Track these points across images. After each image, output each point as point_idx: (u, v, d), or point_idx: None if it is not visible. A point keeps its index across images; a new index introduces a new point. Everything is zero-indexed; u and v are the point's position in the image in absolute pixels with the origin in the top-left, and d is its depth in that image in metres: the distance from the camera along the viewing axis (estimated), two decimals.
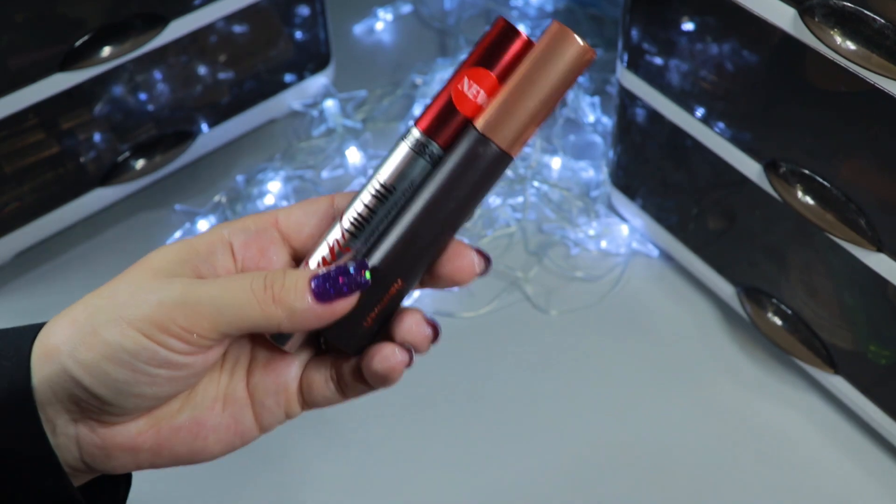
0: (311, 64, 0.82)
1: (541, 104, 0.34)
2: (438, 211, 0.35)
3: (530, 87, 0.34)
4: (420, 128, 0.36)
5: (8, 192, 0.67)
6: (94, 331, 0.34)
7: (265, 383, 0.38)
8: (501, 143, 0.35)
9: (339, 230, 0.36)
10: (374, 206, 0.36)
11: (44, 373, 0.34)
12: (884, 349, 0.57)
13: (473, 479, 0.60)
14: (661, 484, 0.60)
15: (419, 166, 0.36)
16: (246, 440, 0.38)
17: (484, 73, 0.35)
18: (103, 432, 0.35)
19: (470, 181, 0.35)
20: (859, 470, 0.60)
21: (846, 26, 0.47)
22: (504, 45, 0.35)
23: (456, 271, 0.37)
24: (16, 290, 0.71)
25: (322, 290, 0.34)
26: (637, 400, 0.64)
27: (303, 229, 0.38)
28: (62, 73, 0.64)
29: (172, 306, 0.33)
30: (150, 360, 0.34)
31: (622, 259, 0.73)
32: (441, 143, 0.35)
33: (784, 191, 0.55)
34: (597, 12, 0.93)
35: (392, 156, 0.36)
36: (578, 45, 0.34)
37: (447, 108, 0.35)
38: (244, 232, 0.37)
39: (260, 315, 0.34)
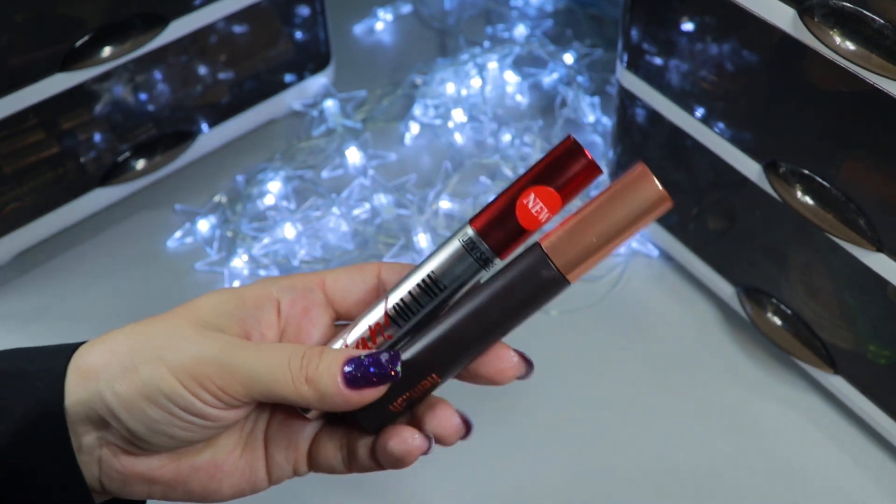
0: (311, 64, 0.82)
1: (608, 239, 0.35)
2: (487, 318, 0.36)
3: (602, 220, 0.35)
4: (475, 227, 0.36)
5: (8, 192, 0.67)
6: (134, 367, 0.34)
7: (278, 438, 0.39)
8: (563, 267, 0.35)
9: (382, 313, 0.37)
10: (419, 296, 0.37)
11: (79, 395, 0.35)
12: (884, 349, 0.57)
13: (473, 479, 0.60)
14: (660, 484, 0.60)
15: (467, 264, 0.36)
16: (256, 489, 0.39)
17: (549, 192, 0.36)
18: (125, 460, 0.36)
19: (523, 296, 0.36)
20: (859, 470, 0.60)
21: (846, 26, 0.47)
22: (569, 164, 0.36)
23: (496, 374, 0.38)
24: (16, 290, 0.71)
25: (353, 377, 0.35)
26: (637, 400, 0.64)
27: (347, 296, 0.39)
28: (62, 73, 0.64)
29: (210, 364, 0.34)
30: (186, 408, 0.35)
31: (622, 259, 0.73)
32: (492, 245, 0.36)
33: (784, 191, 0.55)
34: (597, 12, 0.93)
35: (443, 249, 0.37)
36: (658, 190, 0.34)
37: (506, 216, 0.36)
38: (291, 290, 0.38)
39: (292, 392, 0.35)
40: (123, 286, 0.72)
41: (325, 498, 0.59)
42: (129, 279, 0.72)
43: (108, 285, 0.72)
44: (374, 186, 0.77)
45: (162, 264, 0.73)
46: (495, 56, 0.86)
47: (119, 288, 0.71)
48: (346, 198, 0.76)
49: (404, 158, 0.81)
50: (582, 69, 0.86)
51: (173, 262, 0.73)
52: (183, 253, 0.74)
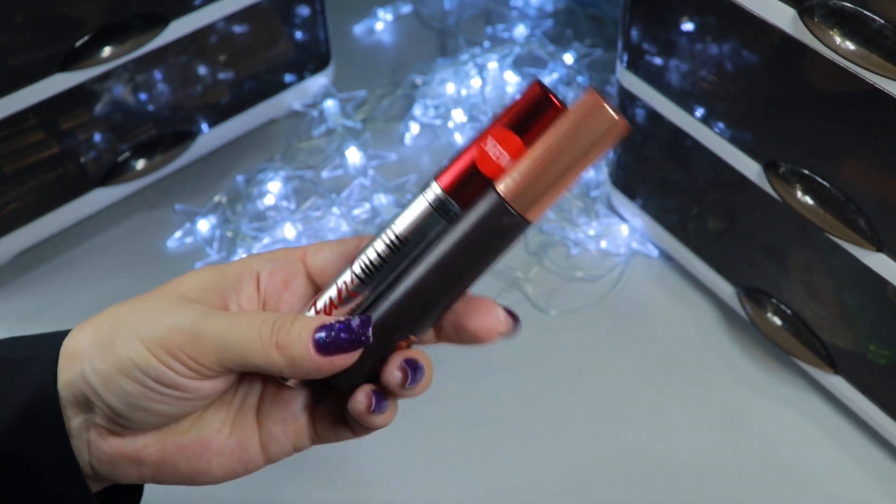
0: (311, 64, 0.82)
1: (564, 173, 0.33)
2: (450, 270, 0.35)
3: (556, 154, 0.33)
4: (440, 184, 0.35)
5: (8, 192, 0.67)
6: (112, 342, 0.35)
7: (273, 413, 0.38)
8: (520, 208, 0.34)
9: (350, 273, 0.37)
10: (386, 256, 0.36)
11: (66, 375, 0.35)
12: (883, 349, 0.57)
13: (472, 479, 0.60)
14: (660, 483, 0.60)
15: (435, 222, 0.35)
16: (250, 468, 0.39)
17: (510, 136, 0.34)
18: (112, 441, 0.36)
19: (485, 243, 0.34)
20: (859, 470, 0.60)
21: (846, 26, 0.47)
22: (536, 111, 0.34)
23: (480, 328, 0.36)
24: (16, 290, 0.71)
25: (324, 343, 0.35)
26: (637, 399, 0.64)
27: (327, 267, 0.38)
28: (62, 74, 0.64)
29: (181, 333, 0.34)
30: (158, 378, 0.34)
31: (622, 259, 0.73)
32: (460, 202, 0.35)
33: (784, 191, 0.55)
34: (597, 12, 0.93)
35: (409, 208, 0.36)
36: (611, 117, 0.32)
37: (470, 168, 0.35)
38: (272, 262, 0.38)
39: (262, 358, 0.34)
40: (123, 286, 0.72)
41: (325, 492, 0.59)
42: (129, 279, 0.72)
43: (108, 285, 0.72)
44: (374, 186, 0.77)
45: (162, 264, 0.73)
46: (495, 56, 0.86)
47: (119, 288, 0.71)
48: (346, 198, 0.76)
49: (404, 158, 0.81)
50: (582, 69, 0.86)
51: (173, 262, 0.73)
52: (183, 253, 0.74)
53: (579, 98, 0.33)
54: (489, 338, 0.37)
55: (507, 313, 0.37)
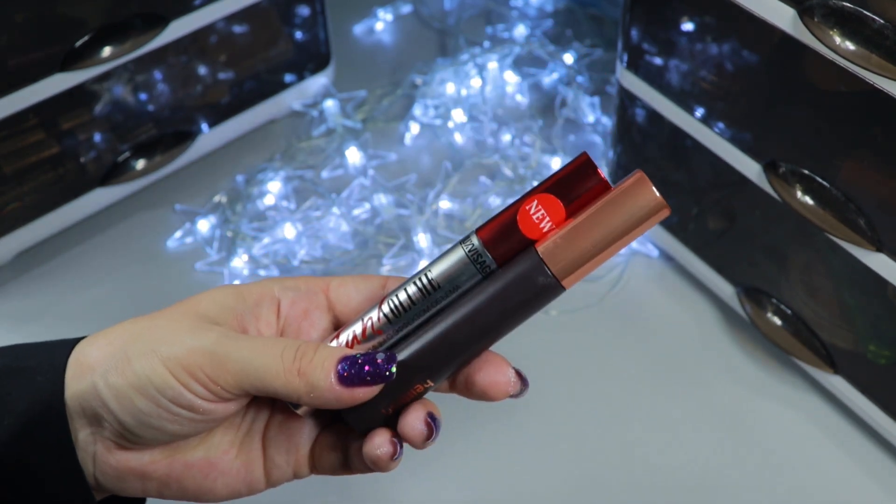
0: (311, 64, 0.82)
1: (604, 245, 0.35)
2: (480, 321, 0.35)
3: (599, 226, 0.34)
4: (480, 237, 0.36)
5: (8, 192, 0.67)
6: (128, 358, 0.34)
7: (278, 441, 0.39)
8: (558, 272, 0.35)
9: (377, 312, 0.37)
10: (416, 299, 0.37)
11: (75, 388, 0.35)
12: (883, 349, 0.57)
13: (472, 479, 0.60)
14: (660, 484, 0.60)
15: (468, 272, 0.36)
16: (253, 490, 0.39)
17: (553, 201, 0.35)
18: (118, 455, 0.36)
19: (518, 300, 0.35)
20: (859, 469, 0.60)
21: (846, 26, 0.47)
22: (580, 180, 0.35)
23: (490, 385, 0.37)
24: (16, 290, 0.71)
25: (347, 374, 0.35)
26: (637, 399, 0.64)
27: (350, 303, 0.39)
28: (62, 74, 0.64)
29: (202, 354, 0.34)
30: (174, 399, 0.34)
31: (622, 259, 0.73)
32: (496, 256, 0.36)
33: (784, 191, 0.55)
34: (597, 12, 0.93)
35: (446, 256, 0.36)
36: (656, 198, 0.34)
37: (510, 226, 0.36)
38: (294, 291, 0.38)
39: (282, 384, 0.34)
40: (123, 286, 0.72)
41: (317, 498, 0.59)
42: (129, 279, 0.72)
43: (108, 285, 0.72)
44: (374, 186, 0.77)
45: (162, 264, 0.73)
46: (495, 56, 0.86)
47: (119, 288, 0.72)
48: (346, 198, 0.76)
49: (404, 158, 0.81)
50: (582, 69, 0.86)
51: (173, 262, 0.73)
52: (183, 253, 0.74)
53: (628, 177, 0.35)
54: (497, 396, 0.37)
55: (517, 374, 0.37)
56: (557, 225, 0.35)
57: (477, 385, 0.37)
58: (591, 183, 0.35)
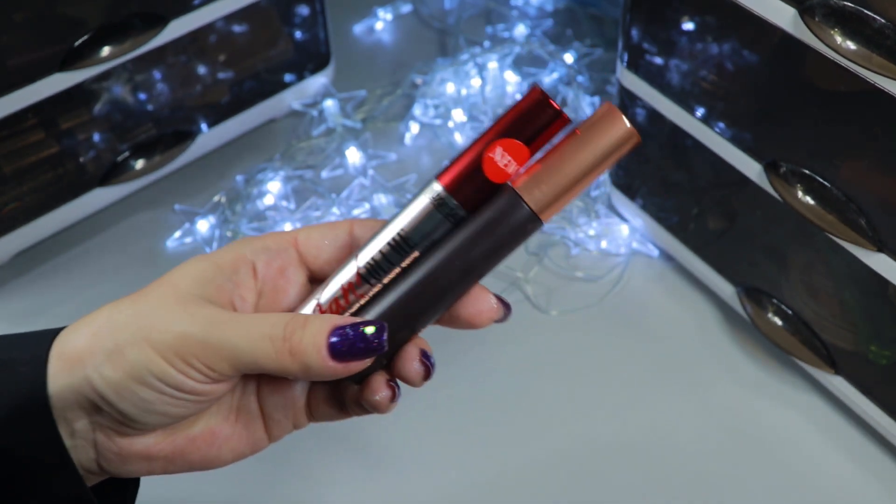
0: (311, 64, 0.82)
1: (579, 177, 0.36)
2: (463, 263, 0.36)
3: (573, 160, 0.36)
4: (442, 183, 0.36)
5: (7, 192, 0.67)
6: (119, 349, 0.34)
7: (274, 399, 0.39)
8: (536, 206, 0.36)
9: (354, 272, 0.37)
10: (389, 255, 0.37)
11: (64, 381, 0.35)
12: (884, 349, 0.57)
13: (472, 479, 0.60)
14: (660, 484, 0.60)
15: (436, 220, 0.37)
16: (256, 448, 0.40)
17: (516, 145, 0.36)
18: (121, 441, 0.36)
19: (498, 237, 0.36)
20: (859, 470, 0.60)
21: (846, 26, 0.47)
22: (537, 114, 0.36)
23: (475, 315, 0.38)
24: (15, 290, 0.71)
25: (339, 350, 0.35)
26: (637, 400, 0.64)
27: (320, 253, 0.39)
28: (62, 73, 0.64)
29: (194, 342, 0.34)
30: (177, 386, 0.35)
31: (622, 259, 0.73)
32: (461, 200, 0.36)
33: (784, 191, 0.55)
34: (597, 12, 0.93)
35: (411, 206, 0.37)
36: (626, 127, 0.35)
37: (473, 170, 0.36)
38: (265, 251, 0.38)
39: (276, 366, 0.35)
40: (123, 286, 0.71)
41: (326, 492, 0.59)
42: (129, 279, 0.72)
43: (108, 285, 0.71)
44: (373, 186, 0.77)
45: (162, 264, 0.73)
46: (495, 56, 0.86)
47: (118, 288, 0.71)
48: (346, 198, 0.76)
49: (404, 158, 0.81)
50: (582, 69, 0.86)
51: (173, 262, 0.73)
52: (183, 253, 0.74)
53: (598, 110, 0.36)
54: (482, 324, 0.38)
55: (498, 300, 0.38)
56: (521, 164, 0.36)
57: (462, 317, 0.38)
58: (547, 117, 0.36)
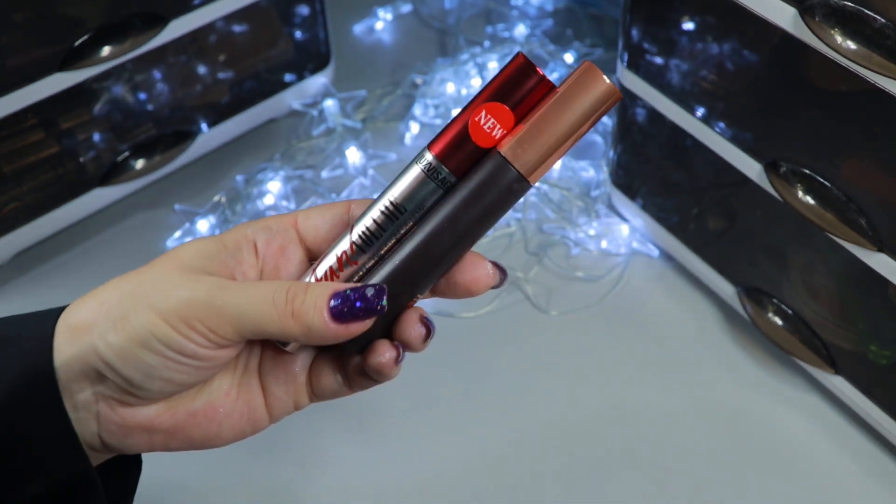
0: (311, 64, 0.82)
1: (563, 137, 0.36)
2: (457, 228, 0.37)
3: (556, 120, 0.36)
4: (433, 152, 0.37)
5: (7, 191, 0.67)
6: (125, 315, 0.35)
7: (275, 374, 0.40)
8: (522, 169, 0.36)
9: (348, 242, 0.38)
10: (383, 223, 0.38)
11: (71, 351, 0.35)
12: (884, 349, 0.57)
13: (473, 479, 0.60)
14: (661, 484, 0.60)
15: (429, 188, 0.37)
16: (257, 428, 0.40)
17: (500, 108, 0.36)
18: (123, 412, 0.37)
19: (488, 202, 0.37)
20: (859, 470, 0.60)
21: (847, 26, 0.47)
22: (521, 81, 0.36)
23: (472, 281, 0.38)
24: (15, 290, 0.71)
25: (339, 311, 0.36)
26: (637, 400, 0.64)
27: (318, 232, 0.40)
28: (61, 73, 0.64)
29: (199, 306, 0.35)
30: (180, 350, 0.35)
31: (622, 259, 0.73)
32: (452, 168, 0.37)
33: (784, 191, 0.55)
34: (597, 12, 0.93)
35: (404, 176, 0.37)
36: (606, 84, 0.36)
37: (461, 137, 0.37)
38: (266, 231, 0.39)
39: (278, 328, 0.36)
40: None
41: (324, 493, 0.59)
42: None
43: None
44: (374, 186, 0.77)
45: None
46: (495, 56, 0.86)
47: None
48: (346, 198, 0.76)
49: (404, 158, 0.81)
50: None
51: None
52: None
53: (577, 69, 0.36)
54: (479, 290, 0.39)
55: (494, 266, 0.39)
56: (507, 129, 0.37)
57: (460, 285, 0.39)
58: (532, 83, 0.36)
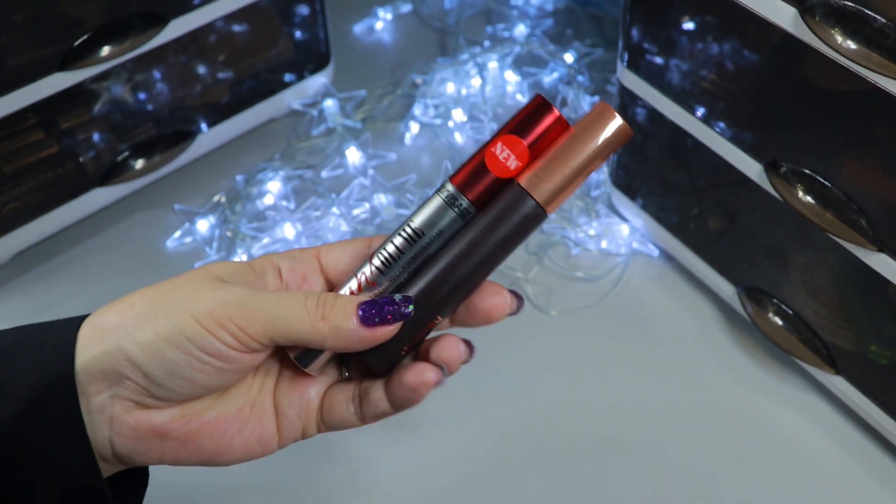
0: (311, 63, 0.82)
1: (578, 170, 0.39)
2: (477, 253, 0.39)
3: (572, 155, 0.39)
4: (454, 183, 0.40)
5: (7, 191, 0.67)
6: (155, 316, 0.36)
7: (290, 396, 0.41)
8: (540, 198, 0.39)
9: (369, 266, 0.40)
10: (403, 248, 0.40)
11: (93, 352, 0.36)
12: (885, 349, 0.57)
13: (472, 479, 0.60)
14: (661, 484, 0.60)
15: (448, 217, 0.40)
16: (266, 449, 0.41)
17: (515, 140, 0.39)
18: (137, 414, 0.37)
19: (508, 229, 0.39)
20: (859, 470, 0.60)
21: (847, 25, 0.47)
22: (537, 118, 0.39)
23: (491, 309, 0.41)
24: (15, 290, 0.71)
25: (368, 315, 0.38)
26: (637, 400, 0.64)
27: (339, 264, 0.42)
28: (61, 73, 0.64)
29: (232, 306, 0.36)
30: (205, 348, 0.36)
31: (622, 259, 0.73)
32: (470, 197, 0.39)
33: (785, 191, 0.55)
34: (597, 11, 0.93)
35: (426, 205, 0.40)
36: (620, 124, 0.39)
37: (479, 168, 0.39)
38: (290, 259, 0.42)
39: (308, 329, 0.37)
40: (122, 286, 0.71)
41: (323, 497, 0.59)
42: (129, 279, 0.72)
43: (108, 285, 0.71)
44: (373, 186, 0.77)
45: (162, 264, 0.73)
46: (495, 56, 0.86)
47: (119, 288, 0.71)
48: (346, 198, 0.76)
49: (404, 158, 0.81)
50: (582, 69, 0.86)
51: (173, 262, 0.73)
52: (182, 253, 0.74)
53: (593, 107, 0.39)
54: (497, 317, 0.41)
55: (512, 294, 0.41)
56: (522, 161, 0.39)
57: (480, 312, 0.41)
58: (548, 121, 0.39)
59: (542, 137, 0.39)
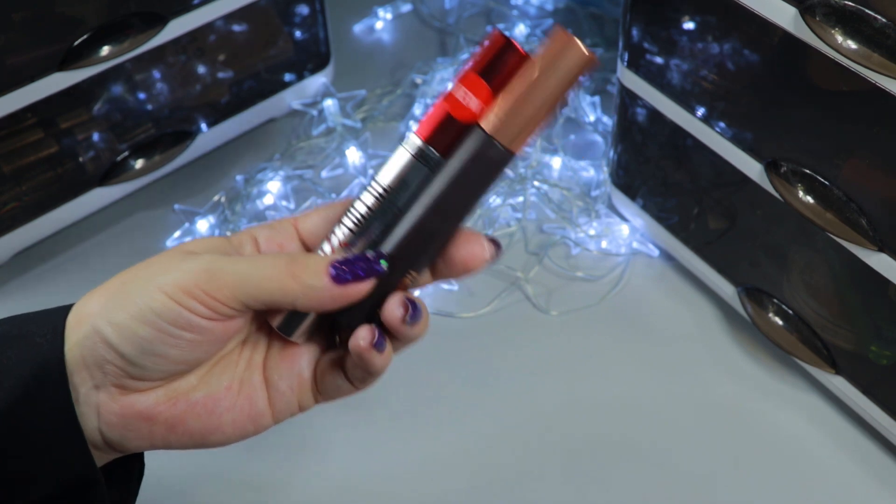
0: (311, 63, 0.82)
1: (542, 107, 0.36)
2: (447, 204, 0.37)
3: (533, 90, 0.36)
4: (417, 133, 0.38)
5: (7, 191, 0.67)
6: (127, 295, 0.36)
7: (280, 369, 0.40)
8: (504, 141, 0.37)
9: (342, 228, 0.39)
10: (374, 207, 0.38)
11: (74, 338, 0.36)
12: (885, 349, 0.57)
13: (472, 478, 0.60)
14: (661, 484, 0.59)
15: (417, 170, 0.38)
16: (259, 426, 0.40)
17: (476, 81, 0.37)
18: (123, 400, 0.37)
19: (476, 176, 0.37)
20: (859, 470, 0.60)
21: (847, 25, 0.47)
22: (500, 58, 0.37)
23: (468, 258, 0.39)
24: (15, 290, 0.71)
25: (339, 272, 0.36)
26: (637, 400, 0.64)
27: (317, 230, 0.41)
28: (61, 73, 0.64)
29: (198, 272, 0.36)
30: (175, 321, 0.35)
31: (623, 259, 0.73)
32: (437, 147, 0.38)
33: (785, 190, 0.55)
34: (597, 11, 0.93)
35: (392, 160, 0.38)
36: (581, 51, 0.36)
37: (443, 115, 0.37)
38: (268, 229, 0.41)
39: (277, 288, 0.36)
40: None
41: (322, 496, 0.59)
42: None
43: None
44: None
45: None
46: None
47: None
48: (346, 197, 0.76)
49: None
50: None
51: None
52: None
53: (550, 37, 0.36)
54: (477, 266, 0.39)
55: (490, 241, 0.39)
56: (485, 102, 0.37)
57: (458, 262, 0.39)
58: (510, 57, 0.37)
59: (505, 74, 0.37)
